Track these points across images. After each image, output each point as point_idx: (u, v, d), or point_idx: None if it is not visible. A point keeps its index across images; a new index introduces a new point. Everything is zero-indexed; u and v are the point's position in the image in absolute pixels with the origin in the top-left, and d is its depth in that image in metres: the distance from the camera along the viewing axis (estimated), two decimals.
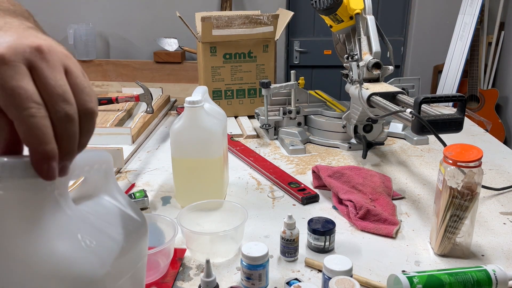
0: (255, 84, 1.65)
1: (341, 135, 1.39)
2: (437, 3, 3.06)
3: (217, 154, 0.98)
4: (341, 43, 1.43)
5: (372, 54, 1.24)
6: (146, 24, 3.01)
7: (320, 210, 1.02)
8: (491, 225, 0.95)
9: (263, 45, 1.61)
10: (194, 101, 0.92)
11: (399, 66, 3.27)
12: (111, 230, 0.44)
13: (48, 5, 2.95)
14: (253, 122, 1.61)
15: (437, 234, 0.83)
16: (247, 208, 0.87)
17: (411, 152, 1.36)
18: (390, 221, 0.93)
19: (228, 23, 1.54)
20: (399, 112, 0.98)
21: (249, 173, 1.22)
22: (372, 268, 0.81)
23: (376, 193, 1.00)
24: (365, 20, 1.28)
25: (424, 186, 1.13)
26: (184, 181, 1.02)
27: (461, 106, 0.91)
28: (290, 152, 1.34)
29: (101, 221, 0.44)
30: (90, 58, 2.75)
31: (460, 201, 0.79)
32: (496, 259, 0.83)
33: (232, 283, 0.77)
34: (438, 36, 3.06)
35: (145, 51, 3.00)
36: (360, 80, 1.20)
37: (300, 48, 3.23)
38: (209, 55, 1.58)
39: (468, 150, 0.79)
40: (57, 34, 2.98)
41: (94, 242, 0.40)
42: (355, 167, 1.11)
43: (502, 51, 3.11)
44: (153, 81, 2.67)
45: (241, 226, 0.83)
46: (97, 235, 0.41)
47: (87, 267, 0.39)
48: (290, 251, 0.82)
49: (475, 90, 2.96)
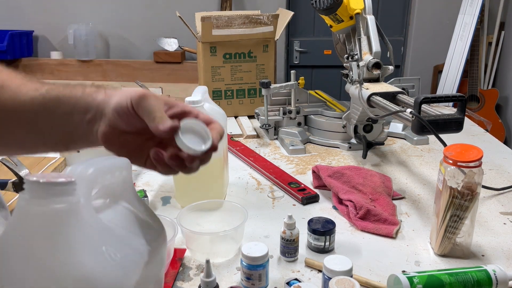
0: (255, 84, 1.65)
1: (341, 135, 1.39)
2: (437, 3, 3.06)
3: (217, 154, 0.98)
4: (341, 43, 1.43)
5: (372, 54, 1.24)
6: (146, 24, 3.00)
7: (320, 210, 1.02)
8: (491, 225, 0.95)
9: (263, 45, 1.61)
10: (194, 101, 0.92)
11: (399, 66, 3.26)
12: (134, 241, 0.44)
13: (48, 5, 2.95)
14: (253, 122, 1.61)
15: (437, 234, 0.83)
16: (247, 208, 0.87)
17: (411, 152, 1.36)
18: (390, 221, 0.92)
19: (228, 23, 1.54)
20: (399, 112, 0.98)
21: (249, 173, 1.22)
22: (372, 268, 0.80)
23: (376, 193, 1.00)
24: (365, 20, 1.28)
25: (424, 186, 1.13)
26: (184, 181, 1.01)
27: (461, 106, 0.91)
28: (290, 152, 1.34)
29: (123, 231, 0.44)
30: (90, 58, 2.75)
31: (460, 201, 0.79)
32: (496, 259, 0.83)
33: (232, 283, 0.76)
34: (438, 36, 3.06)
35: (145, 51, 3.00)
36: (360, 80, 1.20)
37: (300, 48, 3.23)
38: (209, 55, 1.58)
39: (468, 150, 0.79)
40: (57, 34, 2.98)
41: (118, 255, 0.40)
42: (355, 167, 1.11)
43: (502, 51, 3.11)
44: (153, 81, 2.67)
45: (241, 226, 0.83)
46: (121, 247, 0.41)
47: (113, 281, 0.38)
48: (290, 251, 0.82)
49: (475, 90, 2.96)
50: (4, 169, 0.91)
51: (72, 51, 2.81)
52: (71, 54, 2.86)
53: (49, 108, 0.50)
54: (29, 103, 0.50)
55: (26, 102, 0.50)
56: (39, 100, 0.50)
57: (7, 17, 2.95)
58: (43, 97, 0.50)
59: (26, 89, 0.51)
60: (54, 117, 0.51)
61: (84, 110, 0.51)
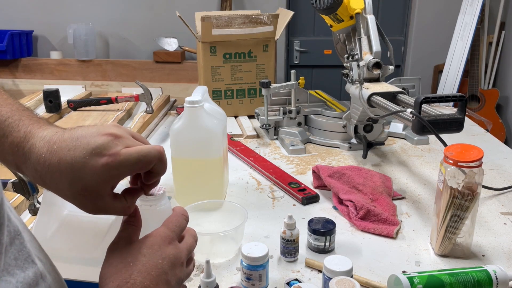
0: (255, 84, 1.65)
1: (342, 135, 1.39)
2: (438, 3, 3.05)
3: (217, 154, 0.98)
4: (341, 43, 1.43)
5: (373, 53, 1.24)
6: (146, 24, 3.00)
7: (320, 210, 1.02)
8: (492, 225, 0.95)
9: (263, 45, 1.60)
10: (194, 101, 0.92)
11: (399, 66, 3.26)
12: None
13: (48, 5, 2.95)
14: (253, 122, 1.61)
15: (438, 234, 0.83)
16: (247, 208, 0.87)
17: (411, 152, 1.36)
18: (391, 221, 0.92)
19: (228, 23, 1.53)
20: (399, 112, 0.98)
21: (249, 173, 1.21)
22: (372, 268, 0.80)
23: (376, 193, 1.00)
24: (366, 20, 1.27)
25: (425, 186, 1.13)
26: (184, 181, 1.01)
27: (461, 106, 0.90)
28: (290, 152, 1.34)
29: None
30: (90, 58, 2.75)
31: (461, 201, 0.78)
32: (497, 259, 0.83)
33: (232, 283, 0.76)
34: (438, 36, 3.05)
35: (145, 51, 3.00)
36: (360, 80, 1.19)
37: (300, 47, 3.23)
38: (209, 55, 1.58)
39: (469, 150, 0.78)
40: (57, 33, 2.98)
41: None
42: (355, 167, 1.11)
43: (502, 51, 3.11)
44: (152, 81, 2.66)
45: (241, 226, 0.83)
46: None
47: None
48: (290, 251, 0.82)
49: (475, 90, 2.96)
50: (4, 169, 0.91)
51: (72, 51, 2.80)
52: (70, 54, 2.86)
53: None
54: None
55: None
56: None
57: (7, 17, 2.95)
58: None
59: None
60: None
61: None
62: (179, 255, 0.51)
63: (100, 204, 0.47)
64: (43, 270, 0.42)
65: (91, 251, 0.63)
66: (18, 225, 0.40)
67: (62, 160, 0.45)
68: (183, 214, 0.55)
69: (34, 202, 0.92)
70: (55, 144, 0.46)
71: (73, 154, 0.45)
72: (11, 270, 0.37)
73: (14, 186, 0.89)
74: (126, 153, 0.46)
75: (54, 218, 0.65)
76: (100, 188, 0.46)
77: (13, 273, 0.37)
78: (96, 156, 0.45)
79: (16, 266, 0.38)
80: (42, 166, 0.45)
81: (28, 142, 0.46)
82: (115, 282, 0.46)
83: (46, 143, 0.46)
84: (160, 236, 0.50)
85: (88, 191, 0.46)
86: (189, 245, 0.54)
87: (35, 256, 0.41)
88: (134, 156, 0.47)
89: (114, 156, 0.45)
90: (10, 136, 0.47)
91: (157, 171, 0.50)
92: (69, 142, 0.46)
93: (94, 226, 0.65)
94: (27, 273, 0.39)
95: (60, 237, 0.64)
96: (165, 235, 0.51)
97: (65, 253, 0.64)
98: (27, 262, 0.40)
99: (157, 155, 0.48)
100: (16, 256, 0.39)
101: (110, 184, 0.47)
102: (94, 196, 0.46)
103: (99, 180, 0.45)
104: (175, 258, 0.50)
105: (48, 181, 0.46)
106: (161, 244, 0.49)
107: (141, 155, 0.47)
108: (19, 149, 0.46)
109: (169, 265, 0.49)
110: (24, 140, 0.46)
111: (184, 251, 0.52)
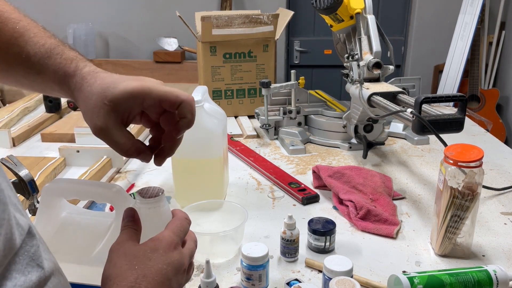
0: (255, 84, 1.64)
1: (342, 135, 1.39)
2: (438, 3, 3.05)
3: (217, 154, 0.98)
4: (341, 43, 1.43)
5: (373, 53, 1.24)
6: (146, 24, 3.00)
7: (321, 210, 1.02)
8: (492, 225, 0.95)
9: (263, 45, 1.60)
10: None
11: (399, 65, 3.26)
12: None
13: (48, 5, 2.95)
14: (253, 122, 1.61)
15: (438, 234, 0.83)
16: (247, 208, 0.87)
17: (411, 152, 1.36)
18: (391, 221, 0.92)
19: (228, 23, 1.53)
20: (399, 112, 0.98)
21: (249, 173, 1.21)
22: (372, 268, 0.80)
23: (376, 193, 1.00)
24: (366, 20, 1.27)
25: (425, 186, 1.13)
26: (184, 181, 1.01)
27: (461, 106, 0.90)
28: (290, 152, 1.34)
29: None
30: (90, 58, 2.75)
31: (461, 201, 0.78)
32: (497, 259, 0.83)
33: (232, 283, 0.76)
34: (438, 35, 3.05)
35: (145, 51, 3.00)
36: (360, 80, 1.19)
37: (300, 47, 3.23)
38: (209, 55, 1.58)
39: (469, 150, 0.78)
40: (57, 33, 2.97)
41: None
42: (355, 167, 1.11)
43: (503, 50, 3.11)
44: None
45: (241, 226, 0.83)
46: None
47: None
48: (290, 251, 0.82)
49: (475, 90, 2.96)
50: (4, 169, 0.91)
51: None
52: None
53: (41, 67, 0.57)
54: (33, 56, 0.57)
55: (30, 53, 0.57)
56: (38, 57, 0.57)
57: None
58: (40, 57, 0.57)
59: (36, 41, 0.57)
60: (43, 76, 0.57)
61: (67, 88, 0.57)
62: (182, 261, 0.51)
63: (110, 122, 0.53)
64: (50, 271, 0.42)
65: (90, 253, 0.62)
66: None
67: (105, 78, 0.55)
68: (186, 218, 0.55)
69: (34, 202, 0.92)
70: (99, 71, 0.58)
71: (112, 77, 0.55)
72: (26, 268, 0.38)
73: (14, 186, 0.89)
74: (156, 84, 0.54)
75: (52, 219, 0.65)
76: (124, 108, 0.53)
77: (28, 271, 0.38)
78: (132, 80, 0.54)
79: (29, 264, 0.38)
80: (88, 74, 0.56)
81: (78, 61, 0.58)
82: (120, 285, 0.46)
83: (93, 67, 0.58)
84: (166, 240, 0.51)
85: (113, 102, 0.52)
86: (191, 250, 0.55)
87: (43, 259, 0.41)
88: (164, 88, 0.54)
89: (146, 83, 0.54)
90: (63, 54, 0.58)
91: (184, 113, 0.54)
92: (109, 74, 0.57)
93: (93, 228, 0.65)
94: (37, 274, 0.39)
95: (58, 239, 0.64)
96: (171, 240, 0.51)
97: (63, 255, 0.63)
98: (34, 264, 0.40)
99: (188, 96, 0.54)
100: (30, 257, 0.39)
101: (137, 102, 0.53)
102: (115, 113, 0.53)
103: (127, 96, 0.52)
104: (179, 265, 0.51)
105: (88, 86, 0.55)
106: (166, 249, 0.50)
107: (171, 90, 0.54)
108: (72, 62, 0.57)
109: (173, 271, 0.50)
110: (76, 58, 0.58)
111: (187, 257, 0.53)
